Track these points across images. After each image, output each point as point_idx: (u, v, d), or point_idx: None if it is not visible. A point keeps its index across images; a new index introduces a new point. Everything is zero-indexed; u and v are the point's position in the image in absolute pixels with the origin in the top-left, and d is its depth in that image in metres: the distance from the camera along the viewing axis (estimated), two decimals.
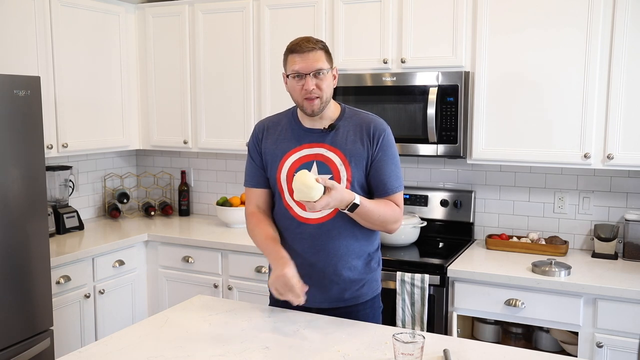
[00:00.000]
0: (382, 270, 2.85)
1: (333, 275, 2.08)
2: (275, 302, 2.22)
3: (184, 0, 3.67)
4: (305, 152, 2.08)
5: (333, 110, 2.11)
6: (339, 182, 2.04)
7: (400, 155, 3.11)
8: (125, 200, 4.01)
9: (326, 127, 2.08)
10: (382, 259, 2.89)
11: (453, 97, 2.96)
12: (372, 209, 2.01)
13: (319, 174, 2.05)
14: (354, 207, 1.95)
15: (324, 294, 2.09)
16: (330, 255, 2.08)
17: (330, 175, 2.05)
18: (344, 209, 1.96)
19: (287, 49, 2.04)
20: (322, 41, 2.05)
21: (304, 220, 2.09)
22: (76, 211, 3.62)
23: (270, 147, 2.14)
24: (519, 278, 2.68)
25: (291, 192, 2.08)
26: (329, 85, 2.04)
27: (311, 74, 1.99)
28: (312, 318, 2.03)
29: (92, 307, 3.26)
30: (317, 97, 2.01)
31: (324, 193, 1.87)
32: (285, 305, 2.09)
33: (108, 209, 4.03)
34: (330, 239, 2.07)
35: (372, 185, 2.09)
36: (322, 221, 2.07)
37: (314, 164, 2.07)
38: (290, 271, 1.94)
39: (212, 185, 4.14)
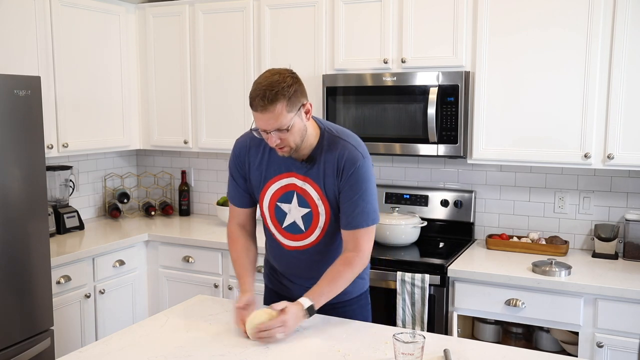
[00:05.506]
0: (382, 270, 2.89)
1: (315, 281, 2.08)
2: (269, 301, 2.26)
3: (184, 0, 3.67)
4: (285, 181, 2.06)
5: (312, 137, 2.00)
6: (317, 218, 2.05)
7: (400, 155, 3.17)
8: (125, 200, 4.01)
9: (304, 159, 2.02)
10: (383, 259, 2.93)
11: (453, 97, 2.96)
12: (331, 290, 1.99)
13: (298, 206, 2.05)
14: (311, 309, 1.92)
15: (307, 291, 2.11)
16: (312, 270, 2.10)
17: (308, 210, 2.05)
18: (307, 317, 1.93)
19: (249, 98, 1.89)
20: (281, 90, 1.84)
21: (286, 247, 2.15)
22: (76, 211, 3.62)
23: (255, 172, 2.11)
24: (519, 278, 2.68)
25: (273, 219, 2.12)
26: (297, 131, 1.91)
27: (272, 132, 1.88)
28: (312, 318, 2.03)
29: (93, 307, 3.26)
30: (286, 147, 1.93)
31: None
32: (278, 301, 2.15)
33: (108, 208, 4.03)
34: (312, 260, 2.11)
35: (340, 216, 2.05)
36: (304, 248, 2.11)
37: (294, 195, 2.06)
38: (241, 303, 1.97)
39: (213, 185, 4.14)
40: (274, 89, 1.83)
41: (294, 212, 2.07)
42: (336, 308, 2.11)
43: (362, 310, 2.20)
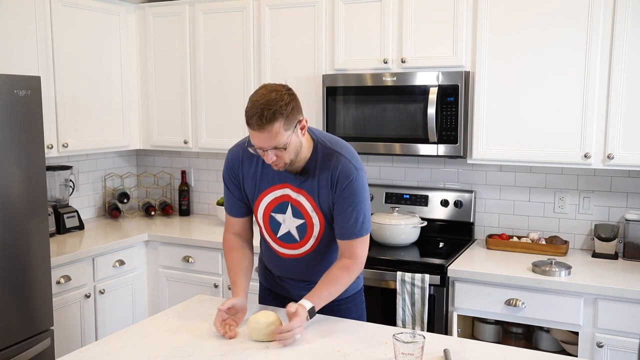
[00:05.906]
0: (382, 270, 2.90)
1: (309, 283, 2.11)
2: (264, 300, 2.29)
3: (184, 0, 3.67)
4: (280, 192, 2.06)
5: (306, 150, 2.00)
6: (312, 228, 2.06)
7: (400, 155, 3.17)
8: (125, 200, 4.01)
9: (298, 172, 2.02)
10: (382, 259, 2.93)
11: (453, 97, 2.95)
12: (330, 294, 2.00)
13: (293, 217, 2.06)
14: (312, 312, 1.93)
15: (305, 291, 2.11)
16: (307, 274, 2.13)
17: (302, 221, 2.06)
18: (308, 319, 1.92)
19: (245, 115, 1.88)
20: (279, 109, 1.82)
21: (283, 255, 2.16)
22: (76, 211, 3.62)
23: (249, 183, 2.11)
24: (519, 278, 2.68)
25: (268, 229, 2.13)
26: (293, 148, 1.91)
27: (269, 149, 1.89)
28: (312, 318, 2.03)
29: (93, 307, 3.26)
30: (281, 162, 1.93)
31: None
32: (274, 301, 2.22)
33: (108, 208, 4.03)
34: (306, 266, 2.14)
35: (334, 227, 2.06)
36: (300, 256, 2.13)
37: (289, 206, 2.06)
38: (224, 305, 1.94)
39: (213, 185, 4.14)
40: (272, 107, 1.82)
41: (289, 223, 2.08)
42: (332, 306, 2.11)
43: (357, 308, 2.22)
